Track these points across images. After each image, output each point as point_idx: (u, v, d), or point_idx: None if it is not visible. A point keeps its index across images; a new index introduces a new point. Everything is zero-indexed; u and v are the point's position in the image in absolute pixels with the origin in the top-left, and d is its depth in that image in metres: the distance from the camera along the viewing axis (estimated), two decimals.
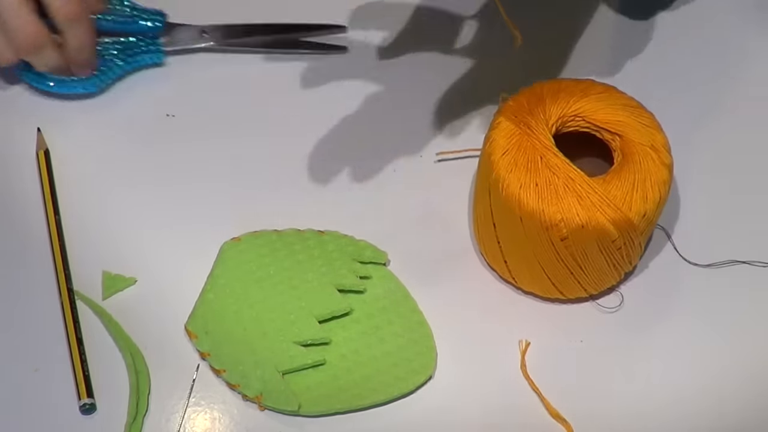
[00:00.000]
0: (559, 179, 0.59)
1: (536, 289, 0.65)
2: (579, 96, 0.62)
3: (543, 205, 0.59)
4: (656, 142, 0.61)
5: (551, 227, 0.59)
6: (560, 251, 0.60)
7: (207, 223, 0.67)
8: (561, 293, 0.64)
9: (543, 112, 0.61)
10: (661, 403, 0.62)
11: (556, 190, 0.59)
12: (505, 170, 0.60)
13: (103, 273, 0.66)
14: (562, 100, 0.62)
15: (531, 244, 0.61)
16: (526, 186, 0.59)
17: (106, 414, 0.61)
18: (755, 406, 0.62)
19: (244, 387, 0.62)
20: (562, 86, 0.63)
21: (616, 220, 0.59)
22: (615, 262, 0.62)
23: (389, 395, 0.62)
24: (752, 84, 0.74)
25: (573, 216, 0.59)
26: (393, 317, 0.64)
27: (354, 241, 0.66)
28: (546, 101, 0.62)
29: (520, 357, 0.64)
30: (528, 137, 0.60)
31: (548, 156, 0.60)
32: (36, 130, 0.70)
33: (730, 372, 0.63)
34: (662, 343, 0.64)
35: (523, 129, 0.61)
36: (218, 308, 0.64)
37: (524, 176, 0.59)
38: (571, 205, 0.59)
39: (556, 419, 0.62)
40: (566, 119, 0.62)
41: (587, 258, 0.61)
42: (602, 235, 0.59)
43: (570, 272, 0.62)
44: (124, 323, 0.64)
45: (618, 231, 0.59)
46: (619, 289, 0.65)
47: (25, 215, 0.68)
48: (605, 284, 0.64)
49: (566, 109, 0.62)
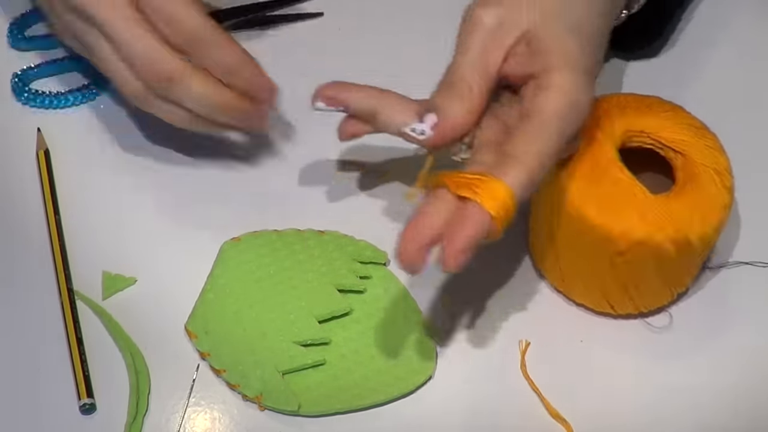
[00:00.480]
0: (621, 193, 0.59)
1: (587, 301, 0.64)
2: (646, 112, 0.62)
3: (603, 218, 0.59)
4: (719, 164, 0.61)
5: (610, 240, 0.59)
6: (616, 265, 0.60)
7: (207, 223, 0.67)
8: (612, 308, 0.64)
9: (609, 125, 0.61)
10: (662, 403, 0.62)
11: (618, 203, 0.59)
12: (568, 179, 0.60)
13: (103, 273, 0.66)
14: (629, 115, 0.62)
15: (587, 256, 0.61)
16: (587, 197, 0.59)
17: (106, 414, 0.61)
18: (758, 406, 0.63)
19: (244, 387, 0.62)
20: (630, 101, 0.63)
21: (675, 239, 0.58)
22: (670, 282, 0.62)
23: (389, 395, 0.62)
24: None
25: (632, 231, 0.58)
26: (393, 317, 0.64)
27: (354, 241, 0.66)
28: (613, 115, 0.62)
29: (520, 357, 0.64)
30: (593, 148, 0.60)
31: (612, 169, 0.60)
32: (36, 130, 0.70)
33: (732, 374, 0.64)
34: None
35: (589, 141, 0.60)
36: (218, 308, 0.64)
37: (587, 187, 0.59)
38: (631, 220, 0.58)
39: (556, 419, 0.62)
40: (632, 134, 0.62)
41: (642, 274, 0.60)
42: (660, 253, 0.59)
43: (624, 287, 0.61)
44: (124, 323, 0.64)
45: (676, 250, 0.59)
46: (670, 309, 0.65)
47: (25, 215, 0.68)
48: (657, 303, 0.64)
49: (632, 125, 0.62)
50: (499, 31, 0.58)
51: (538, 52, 0.57)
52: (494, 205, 0.53)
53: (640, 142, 0.62)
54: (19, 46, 0.74)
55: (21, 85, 0.72)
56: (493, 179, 0.54)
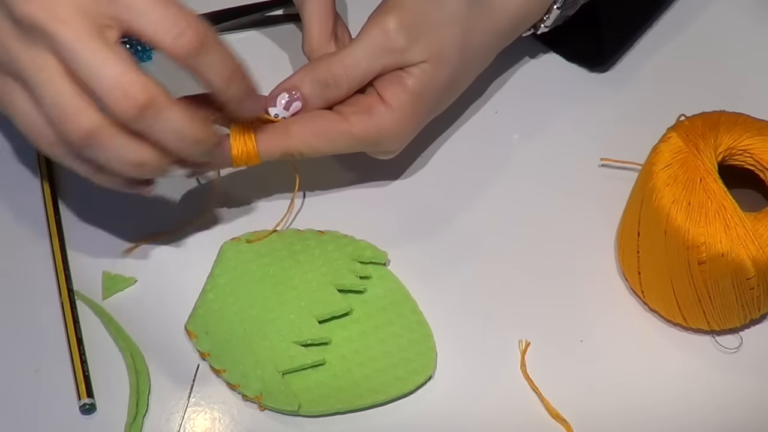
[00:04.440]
0: (711, 204, 0.60)
1: (661, 308, 0.65)
2: (753, 133, 0.63)
3: (689, 225, 0.59)
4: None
5: (692, 248, 0.59)
6: (695, 274, 0.61)
7: (207, 223, 0.67)
8: (684, 319, 0.64)
9: (714, 138, 0.62)
10: (662, 404, 0.62)
11: (707, 213, 0.59)
12: (663, 183, 0.61)
13: (103, 273, 0.66)
14: (736, 132, 0.63)
15: (668, 261, 0.61)
16: (678, 202, 0.60)
17: (106, 414, 0.61)
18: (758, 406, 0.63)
19: (244, 387, 0.62)
20: (740, 120, 0.63)
21: (756, 258, 0.59)
22: (744, 302, 0.62)
23: (389, 395, 0.62)
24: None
25: (716, 242, 0.59)
26: (393, 317, 0.64)
27: (354, 241, 0.66)
28: (720, 129, 0.63)
29: (520, 357, 0.64)
30: (693, 157, 0.61)
31: (708, 180, 0.60)
32: None
33: (733, 376, 0.64)
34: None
35: (691, 148, 0.61)
36: (218, 308, 0.64)
37: (679, 193, 0.60)
38: (716, 231, 0.59)
39: (556, 419, 0.62)
40: (735, 152, 0.63)
41: (718, 289, 0.61)
42: (739, 270, 0.59)
43: (698, 299, 0.62)
44: (124, 323, 0.64)
45: (755, 270, 0.59)
46: (741, 332, 0.65)
47: (25, 215, 0.68)
48: (729, 323, 0.64)
49: (737, 142, 0.62)
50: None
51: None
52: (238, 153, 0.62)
53: (742, 162, 0.63)
54: None
55: None
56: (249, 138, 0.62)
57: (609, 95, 0.74)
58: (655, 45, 0.76)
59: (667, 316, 0.65)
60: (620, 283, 0.66)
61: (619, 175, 0.70)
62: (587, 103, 0.73)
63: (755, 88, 0.74)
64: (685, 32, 0.76)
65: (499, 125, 0.72)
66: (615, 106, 0.73)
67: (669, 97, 0.73)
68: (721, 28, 0.77)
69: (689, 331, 0.65)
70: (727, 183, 0.61)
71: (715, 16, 0.77)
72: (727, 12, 0.77)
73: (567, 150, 0.71)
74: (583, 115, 0.73)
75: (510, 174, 0.70)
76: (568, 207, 0.69)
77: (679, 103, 0.67)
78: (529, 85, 0.74)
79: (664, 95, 0.74)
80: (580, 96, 0.74)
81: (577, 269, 0.67)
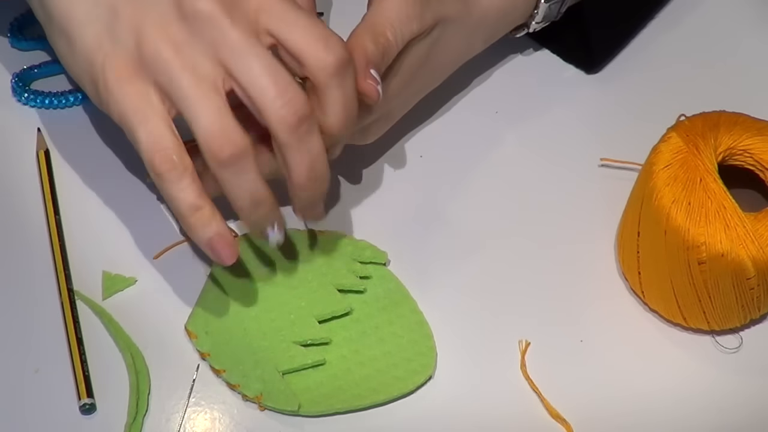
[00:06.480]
0: (711, 204, 0.60)
1: (661, 308, 0.65)
2: (754, 133, 0.63)
3: (689, 224, 0.59)
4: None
5: (692, 248, 0.60)
6: (695, 274, 0.61)
7: None
8: (684, 319, 0.64)
9: (714, 138, 0.62)
10: (661, 403, 0.62)
11: (707, 213, 0.60)
12: (663, 182, 0.61)
13: (103, 273, 0.66)
14: (736, 132, 0.63)
15: (668, 261, 0.61)
16: (678, 202, 0.60)
17: (106, 414, 0.61)
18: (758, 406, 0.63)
19: (244, 387, 0.62)
20: (740, 120, 0.63)
21: (756, 258, 0.59)
22: (744, 302, 0.62)
23: (389, 395, 0.62)
24: None
25: (715, 242, 0.59)
26: (393, 317, 0.64)
27: (354, 241, 0.66)
28: (720, 129, 0.63)
29: (520, 357, 0.64)
30: (693, 157, 0.61)
31: (708, 180, 0.60)
32: (36, 130, 0.70)
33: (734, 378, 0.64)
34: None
35: (691, 148, 0.61)
36: (218, 308, 0.64)
37: (679, 192, 0.60)
38: (716, 231, 0.59)
39: (556, 419, 0.62)
40: (735, 152, 0.63)
41: (718, 289, 0.61)
42: (739, 270, 0.59)
43: (698, 299, 0.62)
44: (124, 323, 0.64)
45: (755, 270, 0.59)
46: (741, 333, 0.65)
47: (25, 215, 0.68)
48: (729, 323, 0.64)
49: (737, 142, 0.62)
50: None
51: None
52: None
53: (742, 162, 0.63)
54: (19, 46, 0.74)
55: (21, 85, 0.72)
56: None
57: (609, 95, 0.74)
58: (655, 45, 0.76)
59: (667, 316, 0.65)
60: (620, 283, 0.67)
61: (619, 175, 0.70)
62: (587, 103, 0.73)
63: (755, 88, 0.74)
64: (685, 32, 0.77)
65: (499, 125, 0.72)
66: (615, 106, 0.73)
67: (669, 97, 0.73)
68: (722, 27, 0.77)
69: (689, 331, 0.65)
70: (727, 183, 0.61)
71: (716, 15, 0.77)
72: (729, 11, 0.78)
73: (567, 150, 0.71)
74: (583, 115, 0.73)
75: (510, 174, 0.70)
76: (568, 207, 0.69)
77: (679, 103, 0.67)
78: (529, 85, 0.74)
79: (664, 95, 0.74)
80: (581, 96, 0.74)
81: (577, 269, 0.67)
